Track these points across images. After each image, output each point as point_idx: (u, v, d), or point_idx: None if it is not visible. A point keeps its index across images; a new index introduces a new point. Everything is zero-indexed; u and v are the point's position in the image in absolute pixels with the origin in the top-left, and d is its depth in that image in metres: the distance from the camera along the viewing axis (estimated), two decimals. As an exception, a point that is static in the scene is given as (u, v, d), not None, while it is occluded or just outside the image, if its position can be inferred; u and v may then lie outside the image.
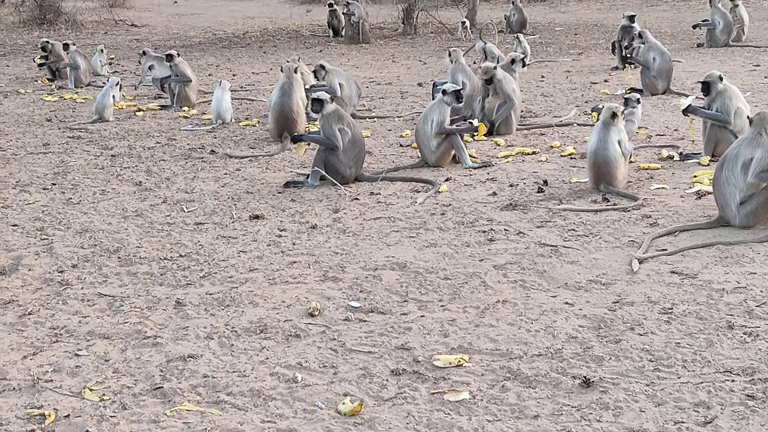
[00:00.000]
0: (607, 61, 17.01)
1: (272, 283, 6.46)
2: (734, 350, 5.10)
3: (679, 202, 8.11)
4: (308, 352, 5.31)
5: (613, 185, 8.43)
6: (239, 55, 20.57)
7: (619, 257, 6.73)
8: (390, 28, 24.65)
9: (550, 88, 14.62)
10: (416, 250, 7.11)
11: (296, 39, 23.59)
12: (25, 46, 22.81)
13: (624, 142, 8.53)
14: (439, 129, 9.66)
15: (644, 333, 5.38)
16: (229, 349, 5.37)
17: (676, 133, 10.91)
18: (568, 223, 7.63)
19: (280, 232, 7.68)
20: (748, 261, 6.52)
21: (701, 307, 5.72)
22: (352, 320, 5.76)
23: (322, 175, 9.08)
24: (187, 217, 8.21)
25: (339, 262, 6.87)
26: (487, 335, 5.45)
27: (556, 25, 24.19)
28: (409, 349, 5.29)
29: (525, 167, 9.60)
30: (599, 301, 5.92)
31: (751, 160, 7.18)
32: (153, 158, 10.60)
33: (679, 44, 19.14)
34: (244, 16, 29.51)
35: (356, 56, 19.79)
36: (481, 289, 6.22)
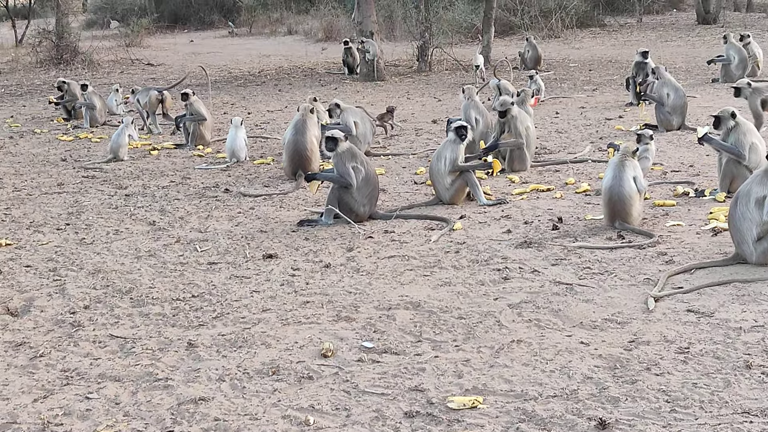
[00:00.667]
0: (621, 97, 16.99)
1: (285, 323, 6.43)
2: (752, 390, 5.03)
3: (695, 238, 8.04)
4: (321, 394, 5.25)
5: (628, 222, 8.38)
6: (254, 93, 20.67)
7: (634, 295, 6.67)
8: (405, 65, 24.74)
9: (564, 125, 14.60)
10: (430, 289, 7.07)
11: (311, 77, 23.69)
12: (42, 86, 23.00)
13: (639, 179, 8.49)
14: (453, 166, 9.64)
15: (661, 373, 5.30)
16: (240, 392, 5.33)
17: (691, 169, 10.85)
18: (583, 260, 7.57)
19: (293, 271, 7.65)
20: (766, 299, 6.44)
21: (718, 346, 5.65)
22: (365, 361, 5.71)
23: (336, 213, 9.07)
24: (201, 256, 8.20)
25: (352, 301, 6.84)
26: (502, 376, 5.39)
27: (571, 61, 24.22)
28: (423, 391, 5.24)
29: (540, 204, 9.56)
30: (615, 340, 5.85)
31: (764, 198, 7.12)
32: (167, 197, 10.61)
33: (693, 79, 19.12)
34: (260, 54, 29.70)
35: (371, 93, 19.85)
36: (495, 329, 6.16)
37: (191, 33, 39.15)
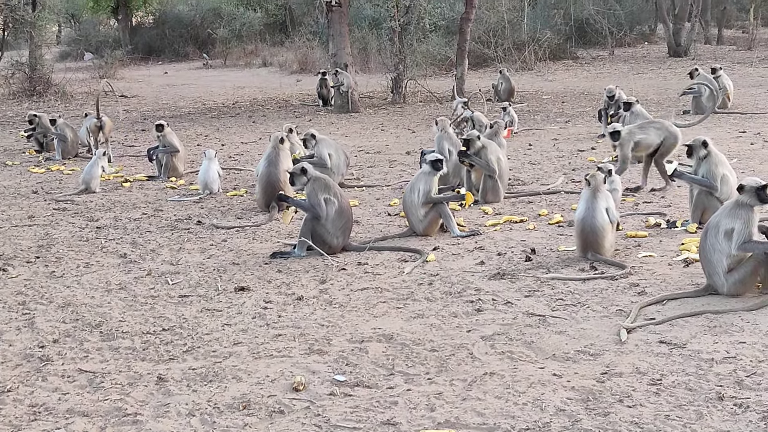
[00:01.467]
0: (594, 129, 17.10)
1: (256, 357, 6.37)
2: (724, 422, 5.02)
3: (667, 270, 8.07)
4: (292, 428, 5.20)
5: (600, 253, 8.40)
6: (228, 125, 20.65)
7: (607, 327, 6.67)
8: (379, 97, 24.81)
9: (537, 156, 14.66)
10: (403, 321, 7.04)
11: (286, 108, 23.71)
12: (14, 118, 22.87)
13: (611, 210, 8.53)
14: (426, 198, 9.65)
15: (633, 405, 5.29)
16: (210, 427, 5.27)
17: (663, 200, 10.91)
18: (556, 292, 7.57)
19: (265, 304, 7.60)
20: (737, 330, 6.45)
21: (690, 377, 5.65)
22: (337, 395, 5.67)
23: (309, 245, 9.04)
24: (172, 289, 8.14)
25: (325, 334, 6.79)
26: (474, 409, 5.36)
27: (543, 93, 24.37)
28: (395, 425, 5.20)
29: (513, 236, 9.57)
30: (587, 372, 5.84)
31: (732, 231, 7.16)
32: (138, 230, 10.55)
33: (665, 111, 19.24)
34: (234, 86, 29.70)
35: (345, 125, 19.88)
36: (468, 361, 6.14)
37: (165, 65, 39.11)
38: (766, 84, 23.58)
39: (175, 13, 43.37)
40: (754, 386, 5.47)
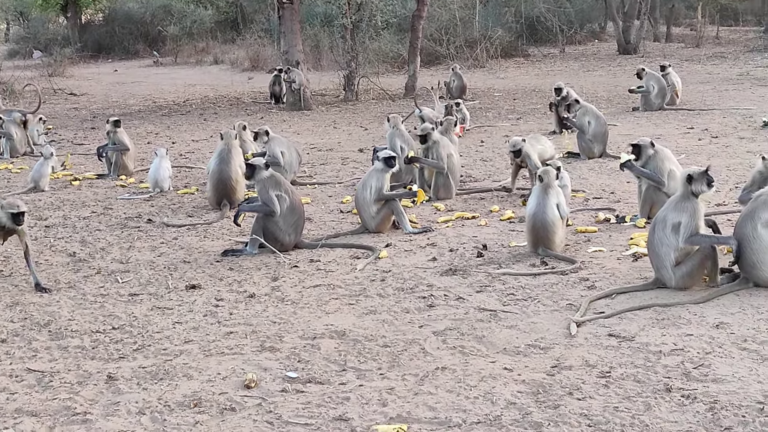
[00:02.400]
0: (545, 126, 17.21)
1: (208, 354, 6.34)
2: (672, 413, 5.09)
3: (616, 264, 8.15)
4: (243, 425, 5.19)
5: (551, 248, 8.47)
6: (179, 123, 20.50)
7: (557, 321, 6.73)
8: (331, 94, 24.77)
9: (489, 153, 14.74)
10: (355, 317, 7.05)
11: (237, 106, 23.59)
12: (-39, 116, 22.51)
13: (562, 206, 8.60)
14: (378, 195, 9.66)
15: (583, 397, 5.35)
16: (161, 425, 5.24)
17: (612, 196, 11.02)
18: (507, 287, 7.63)
19: (217, 301, 7.57)
20: (685, 323, 6.54)
21: (639, 370, 5.72)
22: (289, 391, 5.66)
23: (261, 242, 9.01)
24: (122, 288, 8.07)
25: (277, 331, 6.78)
26: (426, 403, 5.38)
27: (495, 90, 24.49)
28: (347, 420, 5.20)
29: (465, 232, 9.62)
30: (538, 365, 5.89)
31: (679, 224, 7.26)
32: (88, 228, 10.44)
33: (614, 108, 19.45)
34: (185, 84, 29.49)
35: (298, 123, 19.83)
36: (420, 356, 6.16)
37: (115, 63, 38.74)
38: (714, 81, 23.90)
39: (124, 10, 42.96)
40: (702, 378, 5.55)
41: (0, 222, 8.06)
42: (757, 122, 16.25)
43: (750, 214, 7.23)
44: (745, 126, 16.17)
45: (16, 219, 8.07)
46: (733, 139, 14.80)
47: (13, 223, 8.08)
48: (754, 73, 25.36)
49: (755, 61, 28.33)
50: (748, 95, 20.58)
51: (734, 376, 5.54)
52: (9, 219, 8.06)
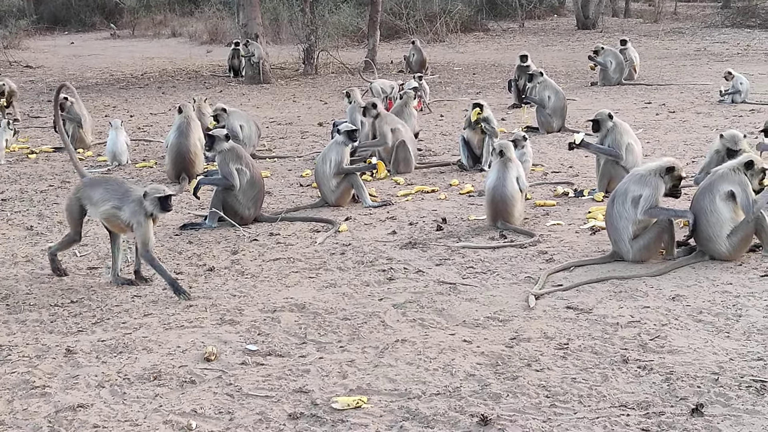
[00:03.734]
0: (504, 100, 17.27)
1: (167, 328, 6.32)
2: (629, 384, 5.15)
3: (575, 237, 8.22)
4: (203, 398, 5.18)
5: (510, 222, 8.51)
6: (137, 96, 20.33)
7: (516, 293, 6.78)
8: (291, 68, 24.67)
9: (449, 127, 14.77)
10: (315, 290, 7.05)
11: (196, 79, 23.43)
12: None
13: (521, 179, 8.64)
14: (338, 169, 9.65)
15: (541, 369, 5.40)
16: (121, 398, 5.22)
17: (571, 170, 11.10)
18: (466, 260, 7.66)
19: (176, 275, 7.53)
20: (642, 295, 6.62)
21: (596, 341, 5.78)
22: (249, 364, 5.66)
23: (221, 216, 8.98)
24: (80, 261, 8.02)
25: (237, 304, 6.77)
26: (386, 375, 5.41)
27: (455, 65, 24.51)
28: (308, 392, 5.22)
29: (424, 205, 9.64)
30: (497, 337, 5.93)
31: (639, 197, 7.33)
32: (45, 202, 10.34)
33: (573, 83, 19.56)
34: (143, 57, 29.22)
35: (257, 96, 19.73)
36: (380, 329, 6.18)
37: (72, 35, 38.27)
38: (672, 56, 24.09)
39: (81, -19, 42.41)
40: (658, 349, 5.62)
41: (147, 210, 7.09)
42: (713, 97, 16.41)
43: (708, 188, 7.32)
44: (702, 101, 16.34)
45: (165, 205, 7.12)
46: (690, 114, 14.95)
47: (162, 210, 7.15)
48: (711, 49, 25.60)
49: (712, 37, 28.58)
50: (706, 70, 20.77)
51: (690, 348, 5.61)
52: (157, 206, 7.11)
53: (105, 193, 7.26)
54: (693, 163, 10.80)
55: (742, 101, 15.72)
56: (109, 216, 7.26)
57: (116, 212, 7.19)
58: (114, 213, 7.21)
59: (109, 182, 7.48)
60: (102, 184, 7.40)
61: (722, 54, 24.18)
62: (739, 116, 14.39)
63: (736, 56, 23.49)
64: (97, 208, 7.30)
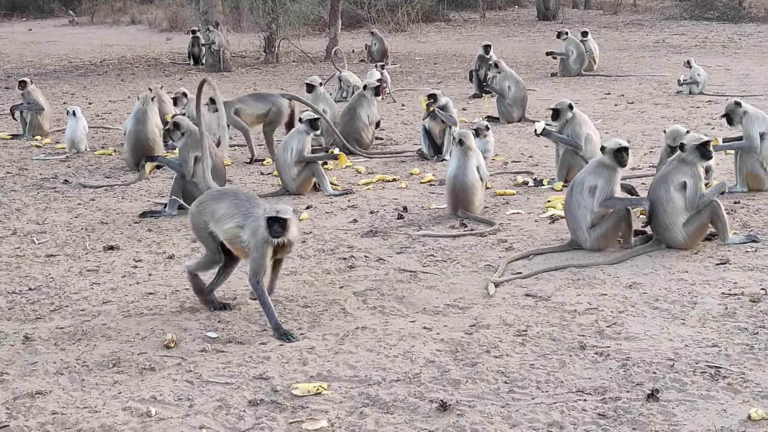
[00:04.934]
0: (465, 90, 17.32)
1: (126, 315, 6.30)
2: (586, 370, 5.21)
3: (534, 226, 8.29)
4: (163, 385, 5.18)
5: (470, 211, 8.56)
6: (96, 83, 20.15)
7: (476, 281, 6.82)
8: (252, 56, 24.56)
9: (410, 116, 14.80)
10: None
11: (155, 67, 23.26)
12: None
13: (482, 168, 8.69)
14: (299, 157, 9.64)
15: (500, 355, 5.45)
16: (79, 385, 5.20)
17: (530, 160, 11.17)
18: (427, 248, 7.70)
19: (135, 263, 7.51)
20: (599, 283, 6.69)
21: (554, 328, 5.84)
22: (209, 351, 5.65)
23: (180, 204, 8.94)
24: (38, 249, 7.95)
25: (197, 292, 6.74)
26: (347, 362, 5.43)
27: (416, 54, 24.53)
28: (268, 379, 5.22)
29: (385, 194, 9.67)
30: (456, 324, 5.97)
31: (596, 187, 7.40)
32: (2, 189, 10.24)
33: (534, 73, 19.66)
34: (102, 44, 28.95)
35: (217, 84, 19.58)
36: (340, 316, 6.20)
37: (30, 21, 37.81)
38: (631, 48, 24.28)
39: (39, -33, 41.93)
40: (614, 335, 5.69)
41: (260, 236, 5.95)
42: (671, 88, 16.57)
43: (664, 178, 7.40)
44: (660, 92, 16.49)
45: (272, 229, 5.88)
46: (648, 105, 15.08)
47: (268, 233, 5.89)
48: (669, 41, 25.84)
49: (671, 29, 28.84)
50: (664, 62, 20.96)
51: (646, 334, 5.69)
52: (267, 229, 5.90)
53: (230, 208, 6.20)
54: (651, 153, 10.91)
55: (700, 92, 15.89)
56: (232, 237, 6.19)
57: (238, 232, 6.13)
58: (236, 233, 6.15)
59: (237, 195, 6.33)
60: (227, 198, 6.31)
61: (681, 46, 24.41)
62: (696, 107, 14.55)
63: (695, 48, 23.71)
64: (220, 226, 6.23)
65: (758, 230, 7.75)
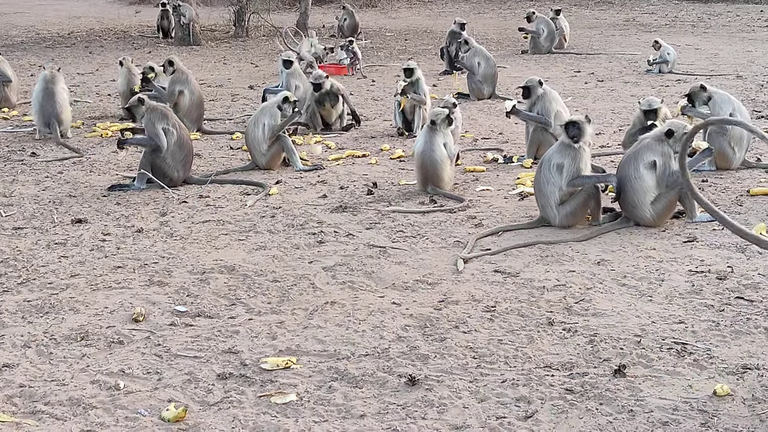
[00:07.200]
0: (436, 66, 17.31)
1: (95, 288, 6.27)
2: (554, 346, 5.25)
3: (503, 203, 8.31)
4: (131, 358, 5.16)
5: (440, 187, 8.57)
6: (64, 56, 19.95)
7: (445, 257, 6.84)
8: (221, 30, 24.39)
9: (380, 92, 14.77)
10: (245, 253, 7.04)
11: (124, 40, 23.06)
12: None
13: (450, 145, 8.69)
14: (272, 132, 9.61)
15: (468, 331, 5.47)
16: (47, 358, 5.17)
17: (500, 137, 11.19)
18: (396, 224, 7.71)
19: (104, 236, 7.46)
20: (568, 259, 6.73)
21: (523, 304, 5.87)
22: (178, 325, 5.64)
23: (149, 177, 8.89)
24: (5, 221, 7.89)
25: (165, 266, 6.73)
26: (315, 337, 5.44)
27: (387, 30, 24.46)
28: (237, 353, 5.22)
29: (355, 170, 9.66)
30: (425, 300, 5.99)
31: (562, 166, 7.43)
32: (-33, 164, 10.15)
33: (504, 50, 19.67)
34: (70, 16, 28.64)
35: (186, 58, 19.44)
36: (310, 291, 6.20)
37: (-4, -9, 37.31)
38: (601, 26, 24.33)
39: (5, -63, 41.30)
40: (582, 312, 5.73)
41: None
42: (641, 67, 16.63)
43: (633, 156, 7.44)
44: (630, 71, 16.55)
45: None
46: (618, 83, 15.14)
47: None
48: (639, 20, 25.92)
49: (641, 8, 28.92)
50: (634, 41, 21.03)
51: (613, 311, 5.73)
52: None
53: None
54: (620, 131, 10.96)
55: (669, 71, 15.96)
56: None
57: None
58: None
59: None
60: None
61: (650, 25, 24.50)
62: (666, 86, 14.62)
63: (664, 27, 23.81)
64: None
65: (725, 208, 7.82)
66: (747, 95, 13.26)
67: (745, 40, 20.71)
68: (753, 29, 23.12)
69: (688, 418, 4.38)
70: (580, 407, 4.51)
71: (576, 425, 4.35)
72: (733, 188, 8.49)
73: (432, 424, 4.39)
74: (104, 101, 14.36)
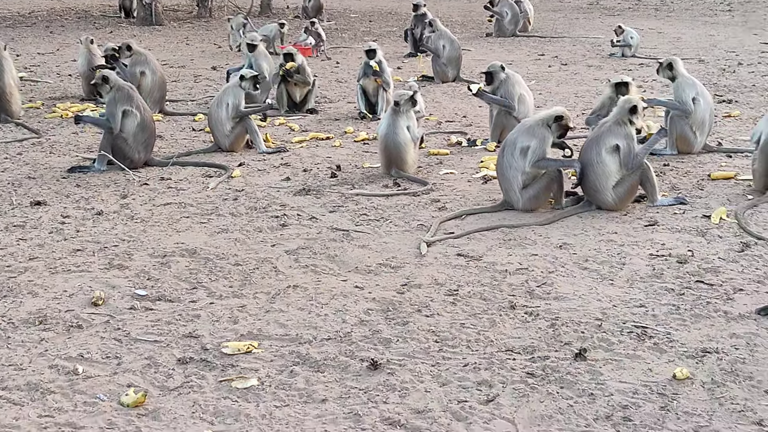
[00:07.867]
0: (400, 49, 17.27)
1: (54, 272, 6.20)
2: (516, 329, 5.26)
3: (467, 186, 8.31)
4: (90, 342, 5.11)
5: (403, 170, 8.56)
6: (24, 35, 19.70)
7: (408, 241, 6.83)
8: (184, 10, 24.20)
9: (344, 74, 14.72)
10: (207, 236, 6.99)
11: (85, 19, 22.80)
12: None
13: (413, 128, 8.67)
14: (236, 112, 9.54)
15: (431, 314, 5.47)
16: (5, 342, 5.11)
17: (464, 120, 11.19)
18: (360, 207, 7.68)
19: (63, 219, 7.38)
20: (530, 243, 6.74)
21: (485, 288, 5.88)
22: (138, 309, 5.59)
23: (110, 159, 8.80)
24: (-37, 204, 7.79)
25: (126, 249, 6.67)
26: (277, 321, 5.41)
27: (352, 12, 24.37)
28: (198, 337, 5.18)
29: (319, 152, 9.62)
30: (388, 284, 5.98)
31: (528, 148, 7.43)
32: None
33: (469, 33, 19.66)
34: (30, -5, 28.27)
35: (148, 38, 19.29)
36: (272, 275, 6.17)
37: (-46, -31, 36.74)
38: (565, 10, 24.40)
39: None
40: (544, 295, 5.75)
41: None
42: (605, 50, 16.69)
43: (595, 140, 7.46)
44: (594, 54, 16.61)
45: None
46: (581, 67, 15.19)
47: None
48: (603, 3, 26.01)
49: (605, -8, 28.99)
50: (597, 24, 21.11)
51: (575, 294, 5.75)
52: None
53: None
54: (582, 115, 10.99)
55: (632, 55, 16.03)
56: None
57: None
58: None
59: None
60: None
61: (614, 8, 24.60)
62: (629, 69, 14.67)
63: (628, 11, 23.92)
64: None
65: (686, 192, 7.87)
66: (709, 79, 13.35)
67: (707, 24, 20.86)
68: (715, 13, 23.29)
69: (647, 401, 4.41)
70: (541, 391, 4.52)
71: (537, 409, 4.36)
72: (695, 172, 8.54)
73: (394, 408, 4.38)
74: (65, 81, 14.20)
